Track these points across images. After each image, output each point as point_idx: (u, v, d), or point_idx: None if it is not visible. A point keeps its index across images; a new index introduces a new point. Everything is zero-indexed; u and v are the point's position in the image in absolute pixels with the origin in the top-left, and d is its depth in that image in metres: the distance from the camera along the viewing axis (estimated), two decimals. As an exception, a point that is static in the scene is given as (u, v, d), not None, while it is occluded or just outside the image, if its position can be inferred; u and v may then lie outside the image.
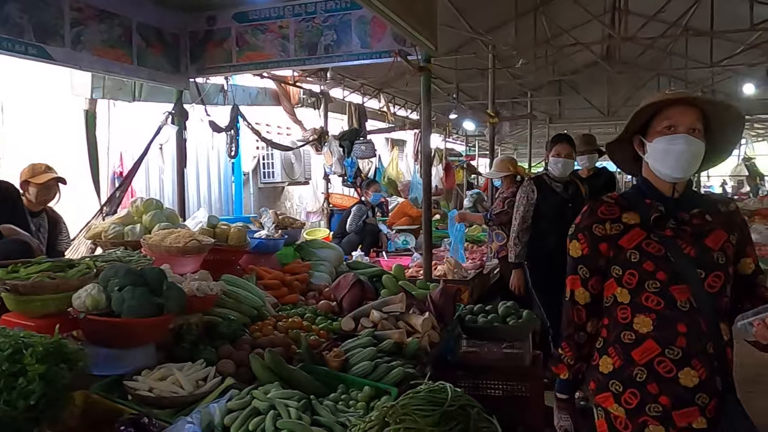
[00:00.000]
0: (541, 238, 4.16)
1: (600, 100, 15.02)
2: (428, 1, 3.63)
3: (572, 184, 4.29)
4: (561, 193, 4.21)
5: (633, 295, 1.72)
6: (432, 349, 2.96)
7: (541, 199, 4.15)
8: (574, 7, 7.83)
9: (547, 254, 4.04)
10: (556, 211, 4.08)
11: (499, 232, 5.07)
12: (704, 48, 9.51)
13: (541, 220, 4.15)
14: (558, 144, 4.18)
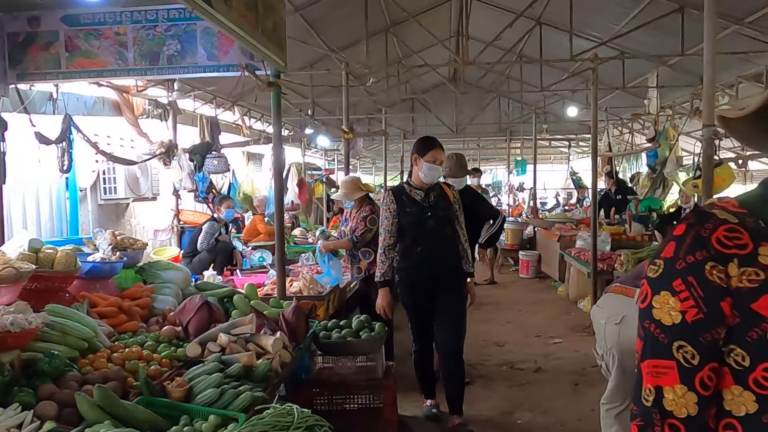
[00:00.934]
0: (406, 252, 3.86)
1: (449, 117, 16.00)
2: (277, 17, 3.60)
3: (434, 189, 3.90)
4: (421, 201, 3.84)
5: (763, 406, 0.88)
6: (284, 369, 2.90)
7: (401, 210, 3.81)
8: (421, 31, 8.27)
9: (413, 269, 3.85)
10: (417, 220, 3.78)
11: (367, 250, 5.09)
12: (536, 73, 10.54)
13: (404, 233, 3.83)
14: (434, 149, 3.81)
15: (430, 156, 3.79)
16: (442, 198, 3.90)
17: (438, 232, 3.81)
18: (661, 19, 7.02)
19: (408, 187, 3.92)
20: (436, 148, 3.83)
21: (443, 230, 3.85)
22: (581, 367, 5.22)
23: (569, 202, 16.73)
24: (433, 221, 3.80)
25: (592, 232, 6.52)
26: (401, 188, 3.99)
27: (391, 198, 3.87)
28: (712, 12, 3.79)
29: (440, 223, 3.83)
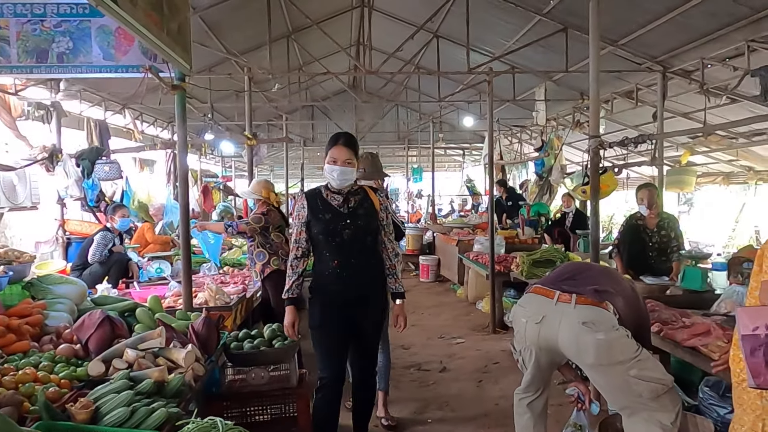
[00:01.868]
0: (319, 266, 3.27)
1: (349, 125, 16.13)
2: (182, 18, 3.48)
3: (356, 193, 3.30)
4: (338, 206, 3.23)
5: None
6: (197, 383, 2.80)
7: (313, 217, 3.20)
8: (323, 38, 8.30)
9: (327, 286, 3.24)
10: (332, 229, 3.18)
11: (261, 251, 5.02)
12: (434, 84, 10.94)
13: (317, 243, 3.24)
14: (335, 147, 3.21)
15: (330, 156, 3.21)
16: (364, 203, 3.27)
17: (358, 244, 3.20)
18: (547, 38, 7.58)
19: (325, 191, 3.27)
20: (338, 145, 3.20)
21: (364, 241, 3.24)
22: (483, 364, 5.48)
23: (464, 208, 17.47)
24: (352, 230, 3.18)
25: (490, 236, 6.86)
26: (317, 192, 3.32)
27: (303, 203, 3.27)
28: (597, 35, 4.18)
29: (361, 233, 3.22)
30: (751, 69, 5.85)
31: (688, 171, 8.51)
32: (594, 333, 2.66)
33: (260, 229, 4.92)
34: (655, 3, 5.97)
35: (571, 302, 2.78)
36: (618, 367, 2.65)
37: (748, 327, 2.06)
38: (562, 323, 2.77)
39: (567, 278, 2.98)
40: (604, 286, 2.86)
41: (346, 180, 3.22)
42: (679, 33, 6.49)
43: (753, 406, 2.22)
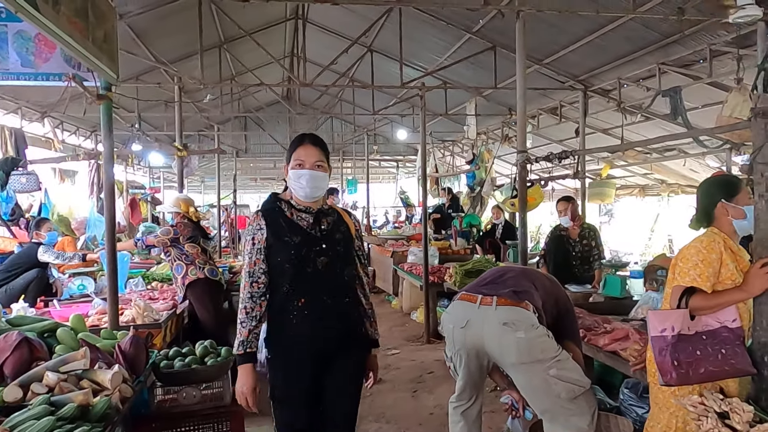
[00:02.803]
0: (280, 306, 2.45)
1: (283, 136, 16.00)
2: (108, 26, 3.37)
3: (329, 214, 2.56)
4: (308, 228, 2.48)
5: None
6: (125, 405, 2.68)
7: (276, 240, 2.43)
8: (257, 48, 8.23)
9: (291, 335, 2.44)
10: (300, 257, 2.42)
11: (178, 264, 4.94)
12: (368, 97, 11.05)
13: (279, 275, 2.44)
14: (300, 147, 2.48)
15: (295, 159, 2.47)
16: (340, 227, 2.55)
17: (333, 277, 2.46)
18: (477, 56, 7.86)
19: (288, 209, 2.50)
20: (305, 144, 2.49)
21: (341, 273, 2.50)
22: (418, 374, 5.55)
23: (398, 219, 17.66)
24: (328, 258, 2.45)
25: (424, 247, 6.98)
26: (277, 209, 2.51)
27: (260, 223, 2.46)
28: (523, 54, 4.38)
29: (338, 263, 2.48)
30: (662, 90, 6.31)
31: (608, 184, 9.02)
32: (514, 332, 2.79)
33: (170, 241, 4.86)
34: (576, 26, 6.33)
35: (492, 304, 2.90)
36: (538, 365, 2.78)
37: (657, 329, 2.22)
38: (485, 325, 2.88)
39: (488, 282, 3.12)
40: (523, 285, 3.00)
41: (318, 189, 2.46)
42: (598, 55, 6.90)
43: (667, 404, 2.39)
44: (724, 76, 5.90)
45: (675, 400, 2.30)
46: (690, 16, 4.88)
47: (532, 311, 2.88)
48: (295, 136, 2.63)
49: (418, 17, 7.62)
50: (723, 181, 2.62)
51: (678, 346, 2.19)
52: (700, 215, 2.51)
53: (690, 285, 2.27)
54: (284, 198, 2.56)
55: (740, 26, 4.96)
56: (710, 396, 2.06)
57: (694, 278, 2.26)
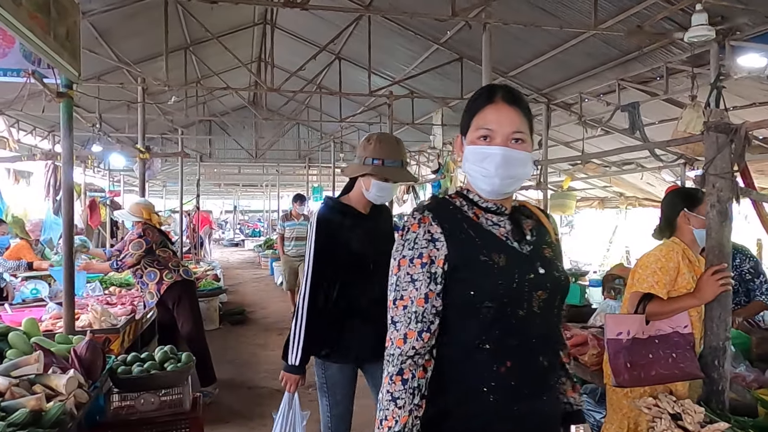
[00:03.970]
0: (462, 375, 1.45)
1: (248, 142, 15.86)
2: (71, 23, 3.30)
3: (528, 215, 1.62)
4: (508, 240, 1.50)
5: None
6: (80, 411, 2.60)
7: (461, 257, 1.42)
8: (223, 52, 8.15)
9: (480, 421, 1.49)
10: (507, 291, 1.43)
11: (151, 271, 4.83)
12: (335, 105, 11.06)
13: (459, 316, 1.42)
14: (491, 106, 1.44)
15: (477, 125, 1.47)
16: (544, 236, 1.61)
17: (548, 322, 1.58)
18: (444, 66, 7.96)
19: (469, 207, 1.55)
20: (497, 102, 1.46)
21: (557, 317, 1.63)
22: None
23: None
24: (544, 293, 1.53)
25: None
26: (450, 206, 1.51)
27: (430, 230, 1.44)
28: (489, 65, 4.47)
29: (554, 301, 1.52)
30: (621, 105, 6.52)
31: (569, 195, 9.23)
32: None
33: (145, 252, 4.77)
34: (540, 41, 6.49)
35: None
36: None
37: (614, 332, 2.29)
38: None
39: None
40: None
41: (514, 180, 1.44)
42: (561, 69, 7.09)
43: (620, 405, 2.46)
44: (679, 93, 6.13)
45: (628, 402, 2.37)
46: (648, 35, 5.07)
47: None
48: (480, 88, 1.56)
49: (386, 26, 7.69)
50: (686, 192, 2.74)
51: (632, 348, 2.27)
52: (663, 225, 2.61)
53: (647, 291, 2.35)
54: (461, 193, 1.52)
55: (694, 46, 5.18)
56: (664, 398, 2.13)
57: (652, 285, 2.35)
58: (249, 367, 6.01)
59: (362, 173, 2.45)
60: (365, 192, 2.49)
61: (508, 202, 1.50)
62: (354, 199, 2.54)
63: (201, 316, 5.23)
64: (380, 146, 2.45)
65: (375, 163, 2.42)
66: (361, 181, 2.50)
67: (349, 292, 2.46)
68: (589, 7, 5.04)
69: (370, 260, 2.45)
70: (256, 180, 23.43)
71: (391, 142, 2.52)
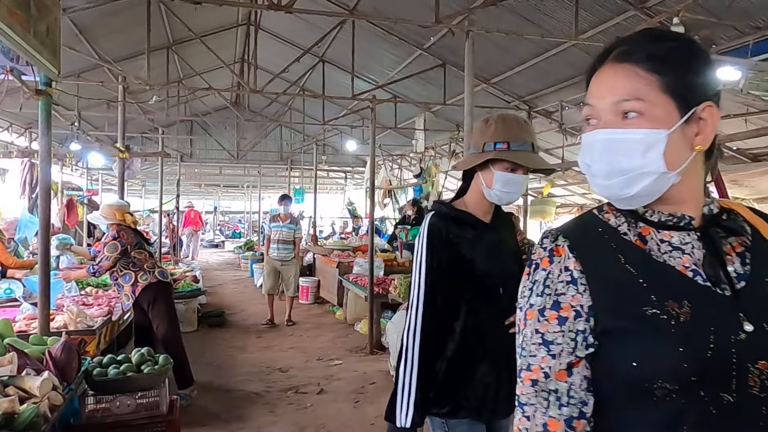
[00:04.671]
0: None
1: (230, 143, 15.76)
2: (51, 20, 3.26)
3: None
4: (700, 279, 0.89)
5: None
6: (54, 414, 2.57)
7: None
8: (206, 52, 8.10)
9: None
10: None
11: (126, 273, 4.79)
12: (318, 107, 11.06)
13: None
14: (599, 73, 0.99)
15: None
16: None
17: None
18: (427, 72, 8.02)
19: (630, 226, 0.97)
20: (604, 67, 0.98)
21: None
22: (360, 385, 5.55)
23: (345, 230, 17.67)
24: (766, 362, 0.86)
25: (369, 258, 7.01)
26: (602, 227, 0.99)
27: (567, 267, 0.94)
28: (471, 72, 4.52)
29: None
30: (600, 114, 6.61)
31: (549, 202, 9.35)
32: None
33: (121, 254, 4.74)
34: (522, 49, 6.58)
35: None
36: None
37: None
38: None
39: None
40: None
41: (624, 176, 0.93)
42: (542, 77, 7.19)
43: None
44: (656, 103, 6.25)
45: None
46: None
47: None
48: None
49: (371, 31, 7.72)
50: None
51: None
52: None
53: None
54: None
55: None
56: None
57: None
58: (227, 370, 5.97)
59: (480, 162, 1.89)
60: (485, 191, 1.92)
61: (692, 208, 0.94)
62: (472, 204, 1.97)
63: (177, 317, 5.19)
64: (504, 126, 1.90)
65: (498, 147, 1.85)
66: (480, 177, 1.93)
67: (474, 325, 1.87)
68: (570, 18, 5.12)
69: (498, 282, 1.89)
70: (237, 181, 23.29)
71: (517, 120, 1.96)
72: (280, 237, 8.10)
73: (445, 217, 1.92)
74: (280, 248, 8.08)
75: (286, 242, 8.13)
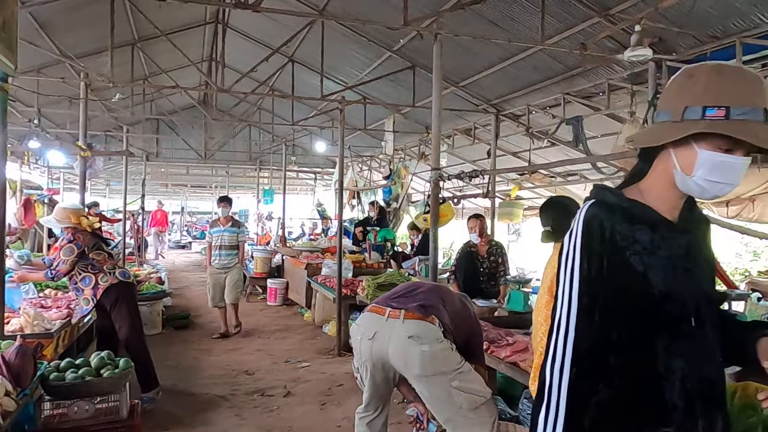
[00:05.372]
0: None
1: (197, 142, 15.54)
2: (8, 13, 3.16)
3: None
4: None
5: None
6: (6, 420, 2.49)
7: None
8: (173, 50, 7.97)
9: None
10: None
11: (85, 276, 4.68)
12: (288, 107, 10.98)
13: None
14: None
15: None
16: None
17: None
18: (397, 74, 8.04)
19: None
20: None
21: None
22: (327, 387, 5.52)
23: (314, 231, 17.57)
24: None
25: (338, 260, 6.99)
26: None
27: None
28: (440, 75, 4.55)
29: None
30: (566, 118, 6.75)
31: (516, 204, 9.46)
32: (419, 345, 2.87)
33: (78, 257, 4.64)
34: (490, 53, 6.65)
35: (400, 317, 2.98)
36: (441, 377, 2.87)
37: None
38: (391, 337, 2.95)
39: (398, 296, 3.20)
40: (431, 301, 3.09)
41: None
42: (510, 81, 7.28)
43: None
44: (620, 108, 6.40)
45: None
46: (591, 51, 5.28)
47: (437, 325, 2.98)
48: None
49: (340, 31, 7.70)
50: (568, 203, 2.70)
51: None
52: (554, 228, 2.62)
53: None
54: None
55: (633, 65, 5.43)
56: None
57: None
58: (192, 373, 5.87)
59: (677, 138, 1.26)
60: (679, 177, 1.30)
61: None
62: (653, 193, 1.36)
63: (140, 319, 5.08)
64: (720, 81, 1.25)
65: (710, 114, 1.22)
66: (673, 156, 1.30)
67: (647, 369, 1.28)
68: (536, 23, 5.20)
69: (688, 310, 1.31)
70: (205, 181, 22.95)
71: (742, 74, 1.27)
72: (221, 243, 7.48)
73: (611, 209, 1.32)
74: (222, 255, 7.49)
75: (229, 248, 7.51)
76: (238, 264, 7.63)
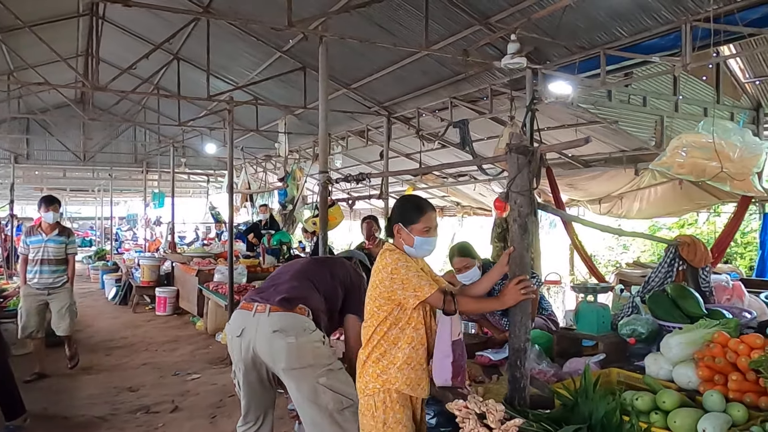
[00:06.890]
0: None
1: (75, 143, 14.45)
2: None
3: None
4: None
5: None
6: None
7: None
8: (40, 44, 7.31)
9: None
10: None
11: None
12: (175, 107, 10.47)
13: None
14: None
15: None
16: None
17: None
18: (288, 74, 7.93)
19: None
20: None
21: None
22: (218, 399, 5.32)
23: (208, 236, 16.90)
24: None
25: (229, 265, 6.77)
26: None
27: None
28: (326, 76, 4.53)
29: None
30: (453, 121, 6.98)
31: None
32: (285, 338, 2.82)
33: None
34: (379, 57, 6.74)
35: (266, 311, 2.92)
36: (309, 371, 2.83)
37: (455, 333, 2.50)
38: (258, 332, 2.89)
39: (264, 289, 3.13)
40: (298, 289, 3.03)
41: None
42: (400, 85, 7.42)
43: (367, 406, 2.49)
44: (501, 112, 6.73)
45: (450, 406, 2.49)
46: (473, 58, 5.50)
47: (306, 315, 2.94)
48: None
49: (227, 29, 7.45)
50: (408, 206, 2.63)
51: (459, 350, 2.50)
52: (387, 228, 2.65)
53: (431, 293, 2.40)
54: None
55: (513, 71, 5.72)
56: (472, 399, 2.29)
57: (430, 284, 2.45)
58: (67, 394, 5.43)
59: None
60: None
61: None
62: None
63: (3, 339, 4.62)
64: None
65: None
66: None
67: None
68: (421, 29, 5.32)
69: None
70: (86, 185, 21.31)
71: None
72: (44, 256, 5.77)
73: None
74: (45, 272, 5.78)
75: (55, 262, 5.83)
76: (67, 284, 5.98)
